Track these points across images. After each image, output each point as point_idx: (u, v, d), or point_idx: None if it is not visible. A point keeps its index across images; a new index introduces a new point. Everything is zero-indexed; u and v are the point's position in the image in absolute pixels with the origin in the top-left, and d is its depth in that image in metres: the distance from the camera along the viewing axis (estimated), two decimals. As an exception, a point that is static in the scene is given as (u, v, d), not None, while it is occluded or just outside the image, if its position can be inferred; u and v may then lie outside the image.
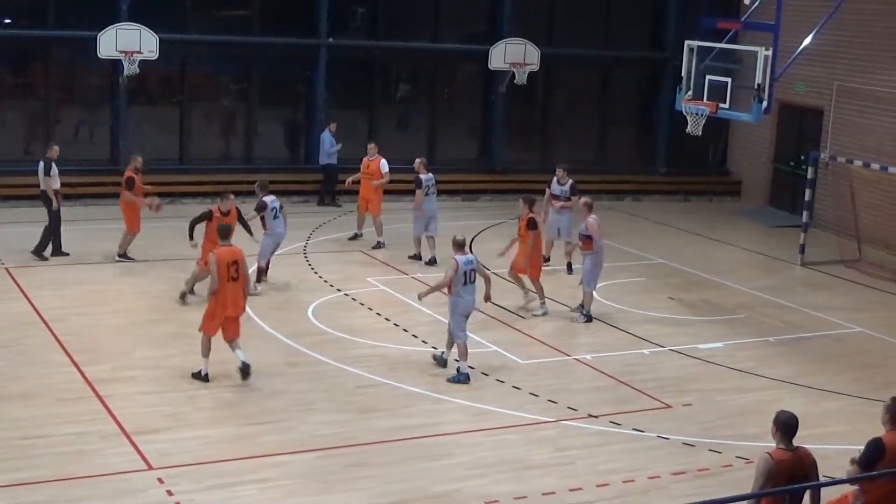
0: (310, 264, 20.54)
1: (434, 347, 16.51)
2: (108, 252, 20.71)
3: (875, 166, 23.01)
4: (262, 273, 19.14)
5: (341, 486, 12.00)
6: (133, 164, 20.73)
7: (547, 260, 20.75)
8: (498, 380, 15.35)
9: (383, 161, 22.33)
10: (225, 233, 15.14)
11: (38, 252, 20.33)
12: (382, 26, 29.01)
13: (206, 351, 14.68)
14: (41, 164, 20.33)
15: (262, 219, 19.00)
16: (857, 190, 24.48)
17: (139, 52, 24.13)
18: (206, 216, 17.81)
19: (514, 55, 27.74)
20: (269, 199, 19.12)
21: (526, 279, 18.85)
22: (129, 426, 13.07)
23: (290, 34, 27.50)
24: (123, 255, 20.57)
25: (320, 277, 19.91)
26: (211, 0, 27.84)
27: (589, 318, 18.24)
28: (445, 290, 15.33)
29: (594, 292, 18.41)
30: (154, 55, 24.35)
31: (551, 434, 13.70)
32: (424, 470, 12.49)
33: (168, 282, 18.95)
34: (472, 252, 16.89)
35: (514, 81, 27.92)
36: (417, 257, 21.32)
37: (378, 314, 18.12)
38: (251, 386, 14.66)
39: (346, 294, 19.06)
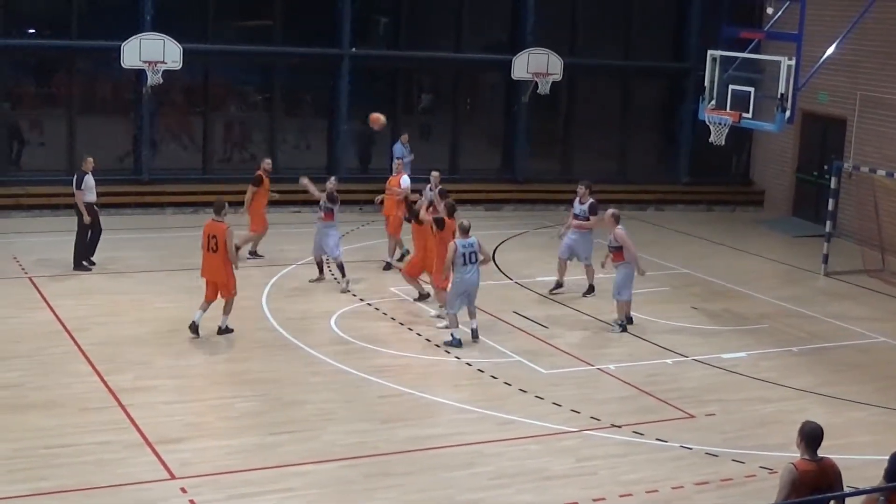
0: (332, 274, 20.54)
1: (457, 358, 16.51)
2: (131, 262, 20.79)
3: (899, 176, 22.92)
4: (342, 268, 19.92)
5: (364, 495, 12.00)
6: (263, 166, 22.06)
7: (560, 286, 20.17)
8: (521, 389, 15.33)
9: (405, 177, 21.99)
10: (215, 208, 16.86)
11: (78, 265, 20.34)
12: (405, 36, 29.07)
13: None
14: (75, 176, 20.43)
15: (332, 212, 19.98)
16: (881, 199, 24.37)
17: (163, 62, 24.23)
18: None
19: (536, 65, 27.75)
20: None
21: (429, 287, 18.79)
22: (151, 435, 13.10)
23: (313, 44, 27.57)
24: (254, 253, 21.53)
25: (323, 274, 19.97)
26: (234, 10, 27.92)
27: (624, 328, 18.17)
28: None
29: (630, 302, 18.34)
30: (178, 65, 24.45)
31: (574, 444, 13.67)
32: (447, 480, 12.47)
33: (189, 291, 18.96)
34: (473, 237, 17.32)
35: (537, 91, 27.92)
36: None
37: (401, 324, 18.13)
38: (273, 395, 14.69)
39: (369, 304, 19.07)
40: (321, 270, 20.24)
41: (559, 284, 20.17)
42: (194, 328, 16.76)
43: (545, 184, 28.95)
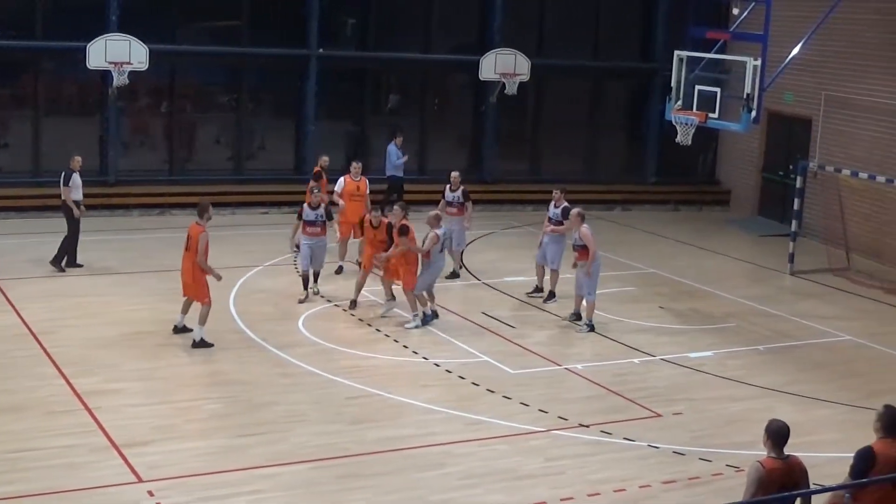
0: (298, 272, 20.47)
1: (425, 358, 16.53)
2: (98, 264, 20.67)
3: (863, 175, 23.09)
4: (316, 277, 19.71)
5: (333, 497, 11.98)
6: (321, 163, 22.72)
7: (539, 290, 20.12)
8: (489, 390, 15.35)
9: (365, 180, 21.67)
10: (199, 210, 16.78)
11: (57, 262, 20.32)
12: (373, 37, 29.03)
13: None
14: (62, 174, 20.44)
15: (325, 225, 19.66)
16: (846, 199, 24.55)
17: (129, 63, 24.11)
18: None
19: (504, 65, 27.80)
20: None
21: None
22: (118, 439, 13.03)
23: (281, 45, 27.53)
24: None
25: (311, 288, 19.88)
26: (201, 10, 27.77)
27: (591, 328, 18.21)
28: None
29: (595, 301, 18.37)
30: (144, 66, 24.34)
31: (542, 444, 13.69)
32: (417, 480, 12.47)
33: (157, 293, 18.92)
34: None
35: (505, 92, 27.97)
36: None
37: (369, 325, 18.12)
38: (242, 397, 14.65)
39: (336, 305, 19.04)
40: (307, 286, 19.27)
41: (538, 289, 20.11)
42: (180, 330, 16.80)
43: (513, 184, 29.00)
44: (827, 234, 25.05)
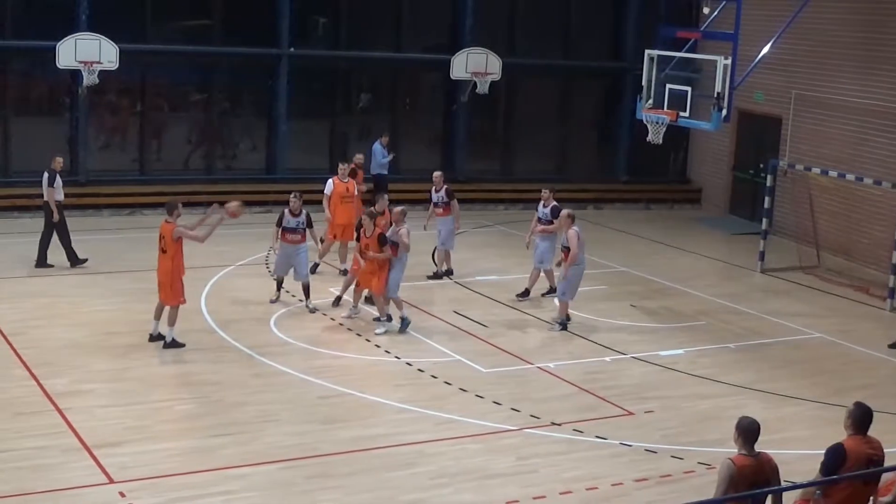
0: (272, 275, 20.43)
1: (397, 357, 16.52)
2: (67, 265, 20.55)
3: (833, 174, 23.21)
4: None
5: (305, 497, 11.96)
6: (355, 160, 22.86)
7: (552, 291, 20.09)
8: (461, 389, 15.35)
9: (353, 182, 21.71)
10: (167, 208, 16.65)
11: (42, 263, 20.31)
12: (344, 36, 28.98)
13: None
14: (45, 174, 20.32)
15: (305, 233, 18.91)
16: (816, 197, 24.69)
17: (99, 63, 23.99)
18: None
19: (475, 65, 27.81)
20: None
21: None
22: (89, 440, 12.97)
23: (252, 44, 27.43)
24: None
25: (283, 288, 19.85)
26: (171, 9, 27.61)
27: (564, 326, 18.23)
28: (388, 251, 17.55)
29: (569, 303, 18.40)
30: (114, 65, 24.22)
31: (514, 442, 13.71)
32: (388, 480, 12.46)
33: (127, 293, 18.85)
34: None
35: (476, 91, 27.98)
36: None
37: (340, 324, 18.09)
38: (213, 398, 14.61)
39: (307, 305, 18.99)
40: (280, 288, 19.05)
41: (527, 291, 20.05)
42: (156, 338, 16.50)
43: (484, 183, 29.02)
44: (797, 232, 25.18)
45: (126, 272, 20.27)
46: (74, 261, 20.50)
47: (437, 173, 21.59)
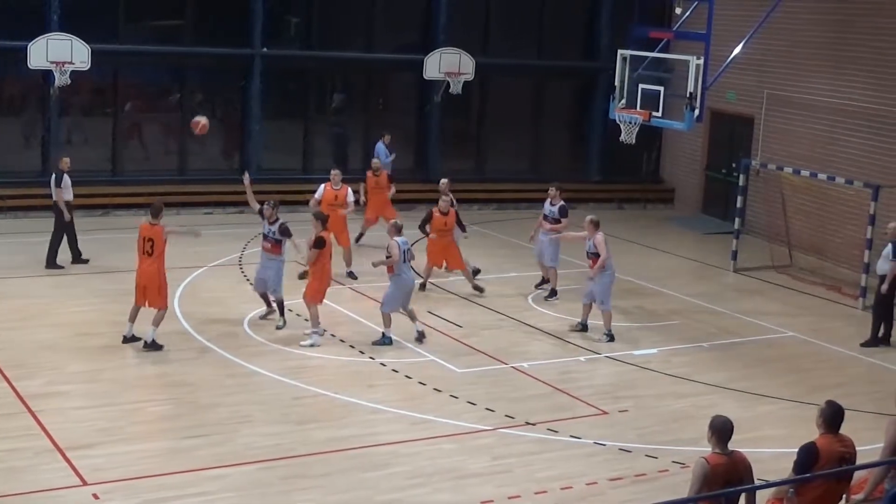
0: (245, 276, 20.43)
1: (371, 358, 16.51)
2: (41, 266, 20.43)
3: (805, 173, 23.33)
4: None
5: (281, 498, 11.95)
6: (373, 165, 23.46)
7: (545, 282, 20.60)
8: (435, 389, 15.37)
9: (349, 189, 21.31)
10: (153, 211, 16.33)
11: (51, 264, 20.43)
12: (317, 36, 28.94)
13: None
14: (53, 175, 20.54)
15: (281, 244, 17.78)
16: (788, 196, 24.81)
17: (70, 63, 23.88)
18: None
19: (448, 65, 27.82)
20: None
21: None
22: (62, 441, 12.91)
23: (224, 44, 27.35)
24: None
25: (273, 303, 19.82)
26: (143, 9, 27.47)
27: (611, 338, 17.94)
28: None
29: (611, 311, 18.25)
30: (86, 65, 24.11)
31: (489, 442, 13.73)
32: (364, 480, 12.46)
33: (101, 294, 18.78)
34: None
35: (449, 91, 27.99)
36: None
37: (315, 325, 18.06)
38: (187, 399, 14.57)
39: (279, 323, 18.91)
40: (269, 303, 18.05)
41: (545, 280, 20.65)
42: (130, 340, 16.38)
43: (458, 183, 28.79)
44: (769, 231, 25.30)
45: (100, 273, 20.20)
46: (77, 259, 20.73)
47: (443, 180, 21.43)
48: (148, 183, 25.97)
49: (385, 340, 17.10)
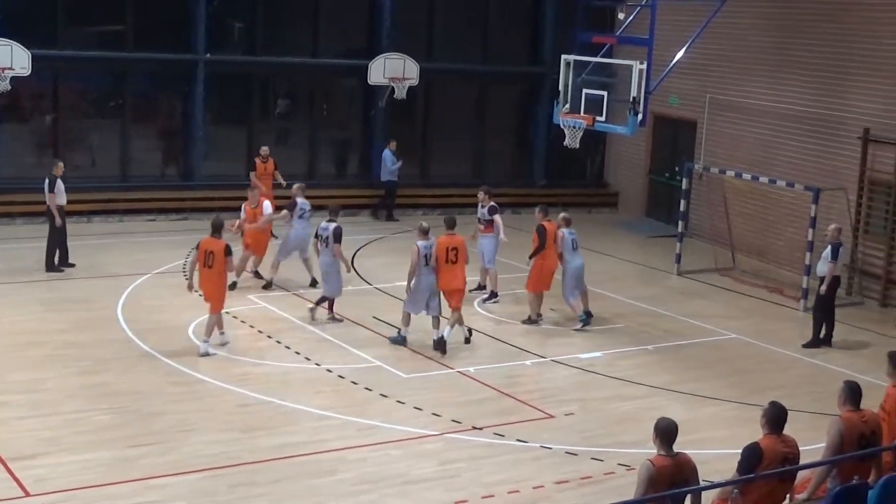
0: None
1: (317, 364, 16.46)
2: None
3: (746, 176, 23.55)
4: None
5: (227, 506, 11.89)
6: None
7: (482, 288, 20.72)
8: (381, 394, 15.34)
9: (266, 203, 20.82)
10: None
11: (51, 268, 20.61)
12: (261, 42, 28.81)
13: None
14: (46, 180, 20.57)
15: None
16: (730, 200, 25.03)
17: (10, 69, 23.60)
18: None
19: (393, 70, 27.80)
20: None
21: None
22: (4, 452, 12.75)
23: (167, 49, 27.14)
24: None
25: (200, 295, 19.64)
26: (85, 15, 27.17)
27: (587, 321, 19.04)
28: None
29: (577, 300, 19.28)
30: (26, 71, 23.85)
31: (436, 447, 13.73)
32: (311, 487, 12.42)
33: (42, 303, 18.57)
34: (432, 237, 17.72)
35: (394, 96, 27.97)
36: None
37: (260, 332, 17.99)
38: (131, 407, 14.44)
39: (226, 312, 18.80)
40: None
41: (481, 287, 20.78)
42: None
43: (403, 188, 28.98)
44: (713, 234, 25.51)
45: (42, 281, 20.00)
46: (64, 264, 20.81)
47: (481, 189, 21.19)
48: (90, 190, 25.67)
49: (399, 338, 17.55)
